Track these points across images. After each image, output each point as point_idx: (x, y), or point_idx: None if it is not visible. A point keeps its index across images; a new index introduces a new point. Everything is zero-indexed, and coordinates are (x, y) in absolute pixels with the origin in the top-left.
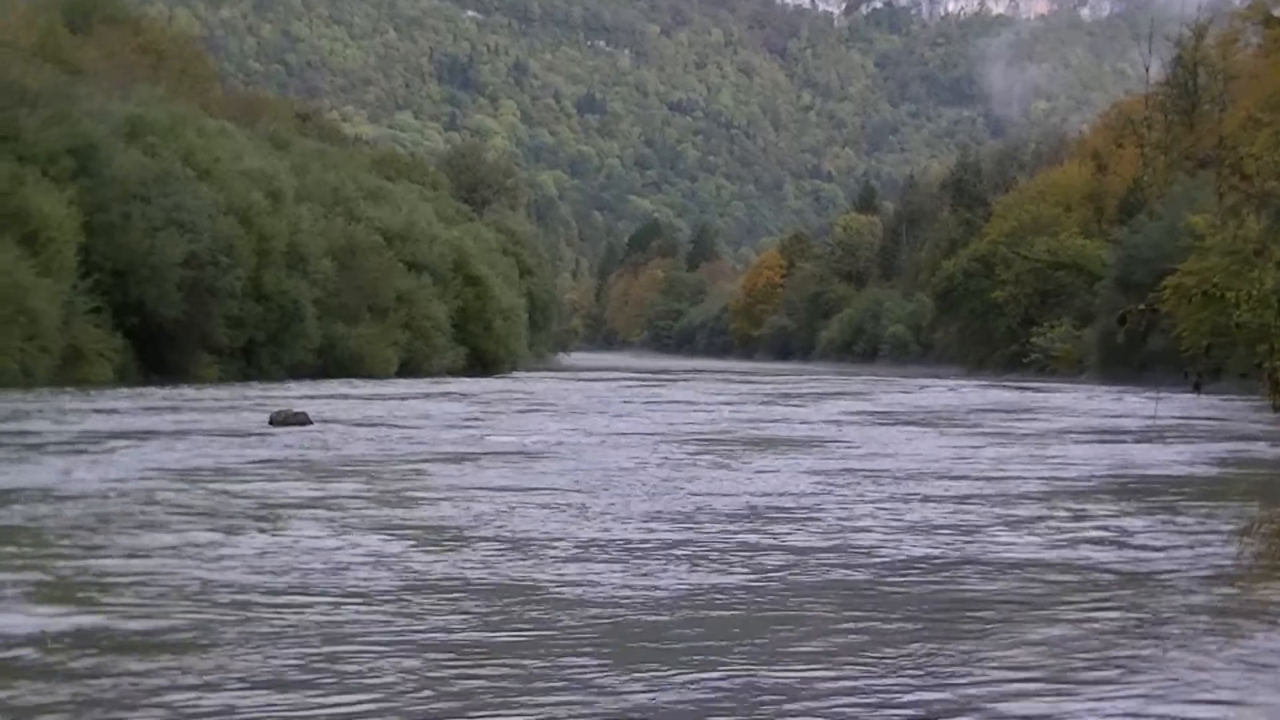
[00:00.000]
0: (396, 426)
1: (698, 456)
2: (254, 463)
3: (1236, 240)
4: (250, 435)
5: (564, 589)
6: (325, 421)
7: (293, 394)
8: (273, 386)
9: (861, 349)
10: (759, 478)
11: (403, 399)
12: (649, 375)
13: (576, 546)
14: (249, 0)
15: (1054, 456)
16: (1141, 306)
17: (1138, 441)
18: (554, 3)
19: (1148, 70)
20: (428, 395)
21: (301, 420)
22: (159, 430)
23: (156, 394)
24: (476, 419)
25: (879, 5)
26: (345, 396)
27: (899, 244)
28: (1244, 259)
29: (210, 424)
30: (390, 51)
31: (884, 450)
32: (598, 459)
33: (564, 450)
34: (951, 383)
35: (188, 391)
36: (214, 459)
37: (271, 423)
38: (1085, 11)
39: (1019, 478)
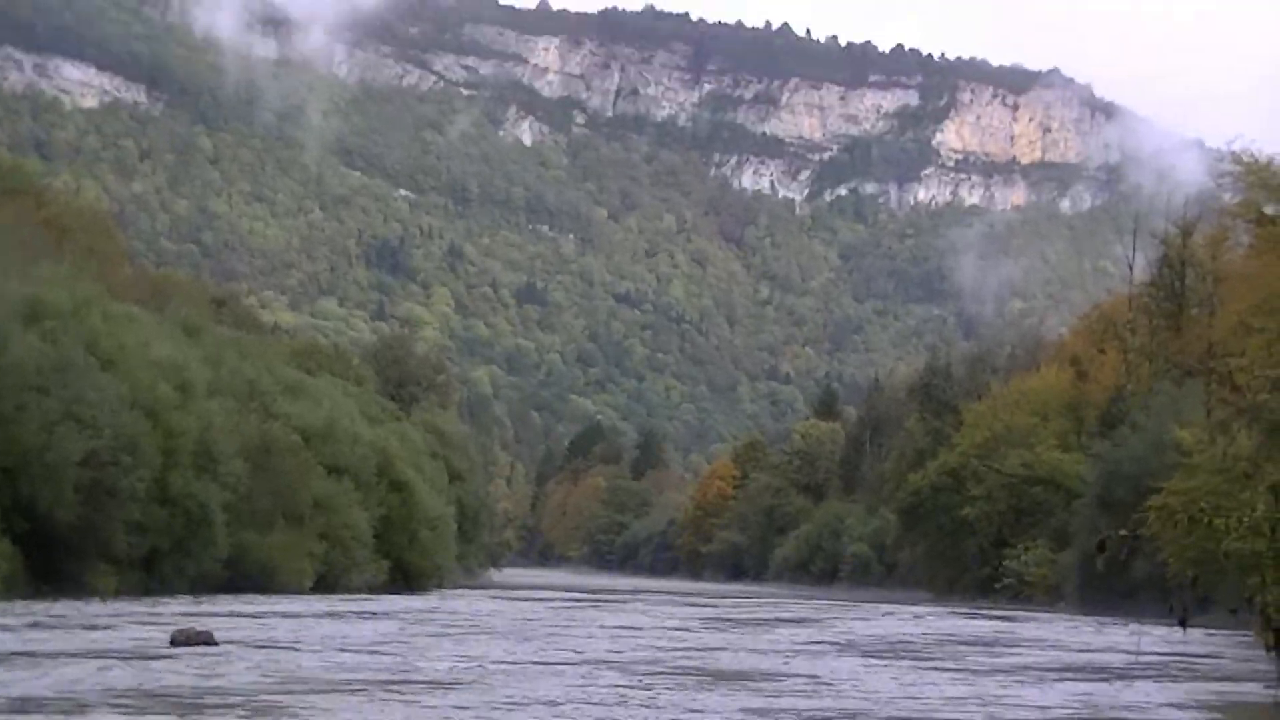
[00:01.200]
0: (309, 650)
1: (630, 692)
2: (148, 693)
3: (1226, 458)
4: (148, 658)
5: None
6: (232, 642)
7: (197, 610)
8: (175, 601)
9: (819, 569)
10: None
11: (317, 618)
12: (587, 595)
13: None
14: (163, 173)
15: (1024, 698)
16: (1123, 531)
17: (1119, 680)
18: (493, 182)
19: (1131, 269)
20: (344, 614)
21: (205, 640)
22: (44, 651)
23: (46, 608)
24: (397, 643)
25: (843, 192)
26: (254, 614)
27: (862, 454)
28: (1234, 479)
29: (104, 644)
30: (315, 232)
31: (834, 687)
32: (521, 692)
33: (488, 681)
34: (917, 609)
35: (81, 606)
36: (104, 686)
37: (173, 643)
38: (1065, 203)
39: None
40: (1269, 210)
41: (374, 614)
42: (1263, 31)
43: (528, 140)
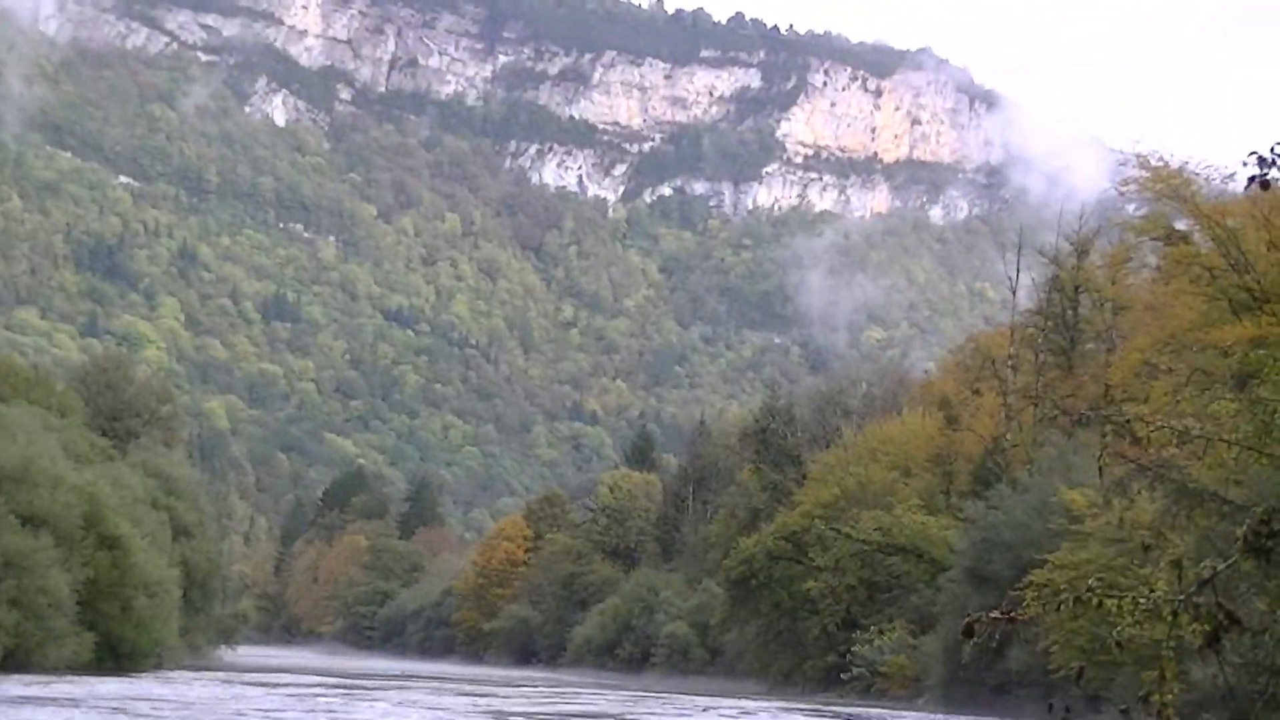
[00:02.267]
0: None
1: None
2: None
3: (1123, 526)
4: None
5: None
6: None
7: None
8: None
9: (629, 653)
10: None
11: (4, 704)
12: (340, 682)
13: None
14: None
15: None
16: (997, 612)
17: None
18: (236, 170)
19: (1014, 293)
20: (35, 700)
21: None
22: None
23: None
24: None
25: (667, 192)
26: None
27: (683, 512)
28: (1131, 551)
29: None
30: (12, 225)
31: None
32: None
33: None
34: (746, 703)
35: None
36: None
37: None
38: (936, 211)
39: None
40: (1180, 226)
41: (71, 701)
42: (1179, 14)
43: (280, 119)
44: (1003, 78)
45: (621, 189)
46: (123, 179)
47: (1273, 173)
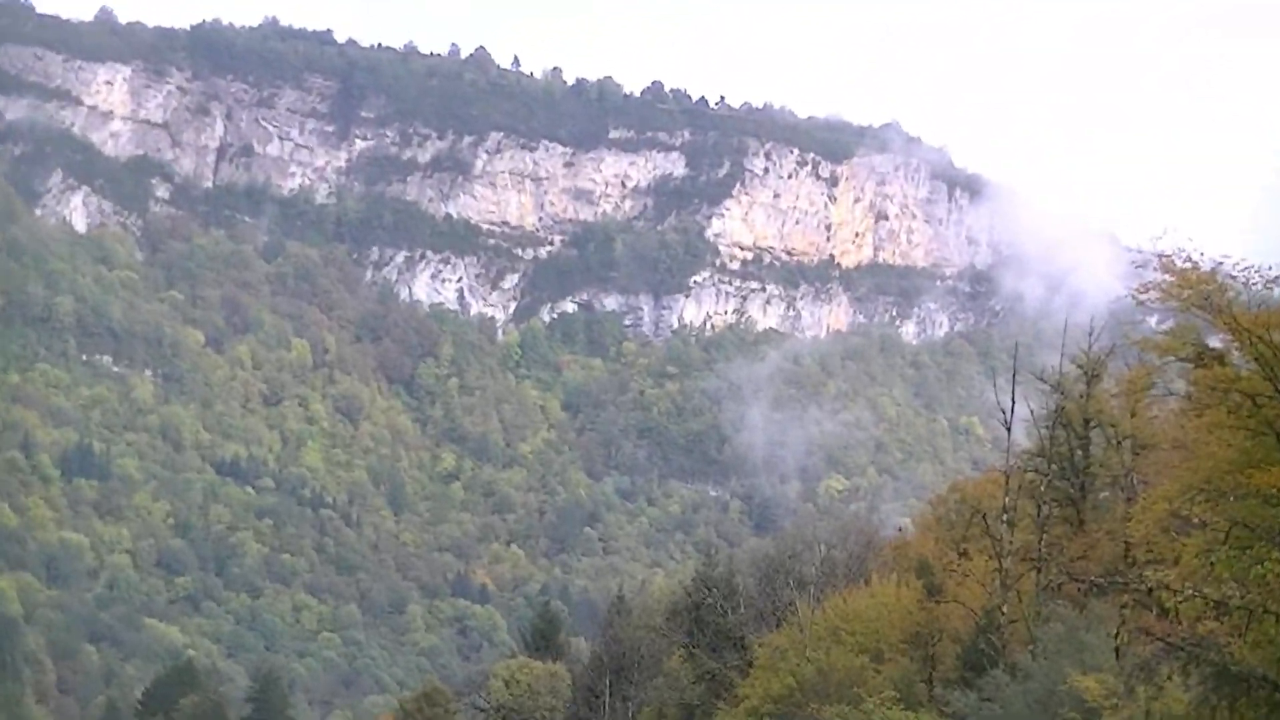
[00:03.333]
0: None
1: None
2: None
3: (1151, 718)
4: None
5: None
6: None
7: None
8: None
9: None
10: None
11: None
12: None
13: None
14: None
15: None
16: None
17: None
18: (24, 289)
19: (1009, 429)
20: None
21: None
22: None
23: None
24: None
25: (570, 309)
26: None
27: (598, 711)
28: None
29: None
30: None
31: None
32: None
33: None
34: None
35: None
36: None
37: None
38: (909, 327)
39: None
40: (1213, 343)
41: None
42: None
43: (80, 224)
44: (988, 159)
45: (513, 306)
46: None
47: None
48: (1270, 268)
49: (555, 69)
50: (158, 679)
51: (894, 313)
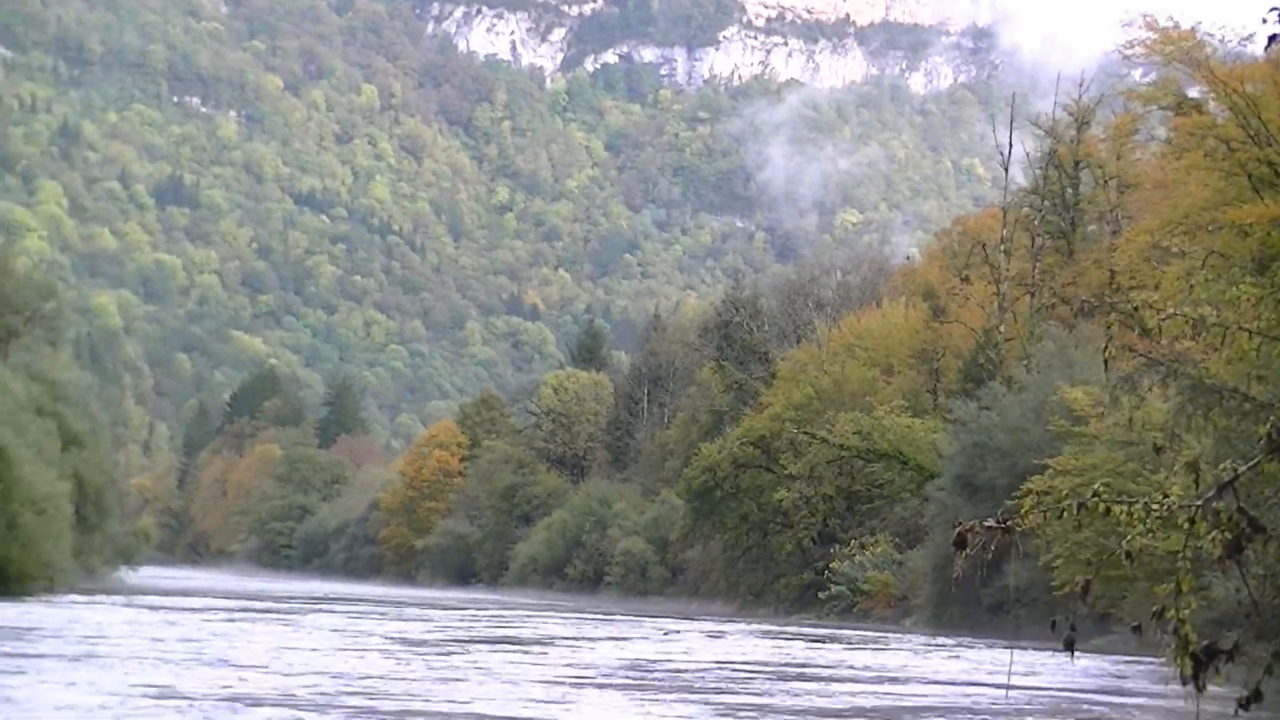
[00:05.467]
0: None
1: None
2: None
3: (1133, 426)
4: None
5: None
6: None
7: None
8: None
9: (579, 572)
10: None
11: None
12: (253, 606)
13: None
14: None
15: None
16: (991, 522)
17: None
18: (122, 39)
19: (1006, 170)
20: None
21: None
22: None
23: None
24: (5, 670)
25: (612, 59)
26: None
27: (637, 416)
28: (1142, 455)
29: None
30: None
31: None
32: None
33: None
34: (711, 626)
35: None
36: None
37: None
38: (917, 78)
39: None
40: (1192, 93)
41: None
42: None
43: None
44: None
45: (560, 56)
46: None
47: None
48: (1244, 25)
49: None
50: (243, 385)
51: (903, 65)
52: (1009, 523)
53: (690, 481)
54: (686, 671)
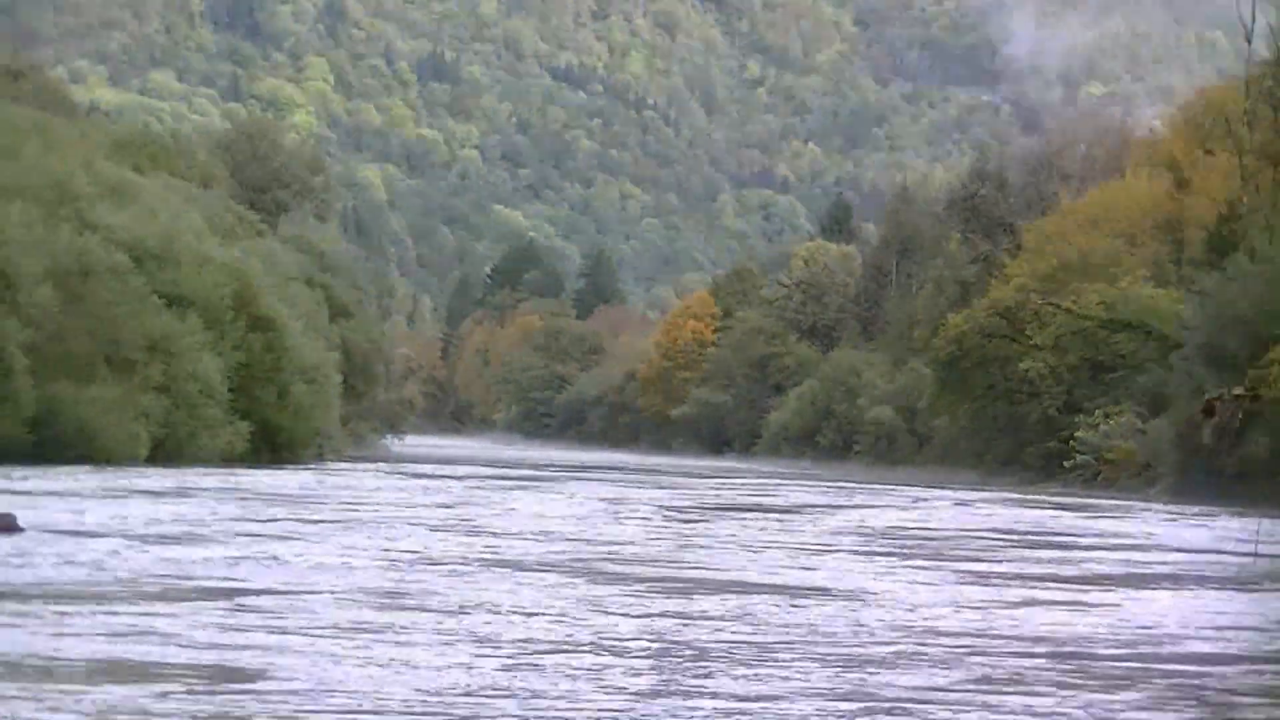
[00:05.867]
0: (138, 539)
1: (554, 602)
2: None
3: None
4: None
5: None
6: (40, 528)
7: None
8: None
9: (830, 440)
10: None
11: (153, 496)
12: (515, 473)
13: None
14: None
15: (1103, 618)
16: (1237, 391)
17: (1229, 591)
18: None
19: (1249, 41)
20: (188, 492)
21: (5, 526)
22: None
23: None
24: (253, 534)
25: None
26: (69, 491)
27: (885, 287)
28: None
29: None
30: None
31: (837, 601)
32: (409, 605)
33: (365, 587)
34: (958, 494)
35: None
36: None
37: None
38: None
39: (1071, 653)
40: None
41: (227, 492)
42: None
43: None
44: None
45: None
46: None
47: None
48: None
49: None
50: (504, 256)
51: None
52: (1254, 393)
53: (937, 351)
54: (933, 539)
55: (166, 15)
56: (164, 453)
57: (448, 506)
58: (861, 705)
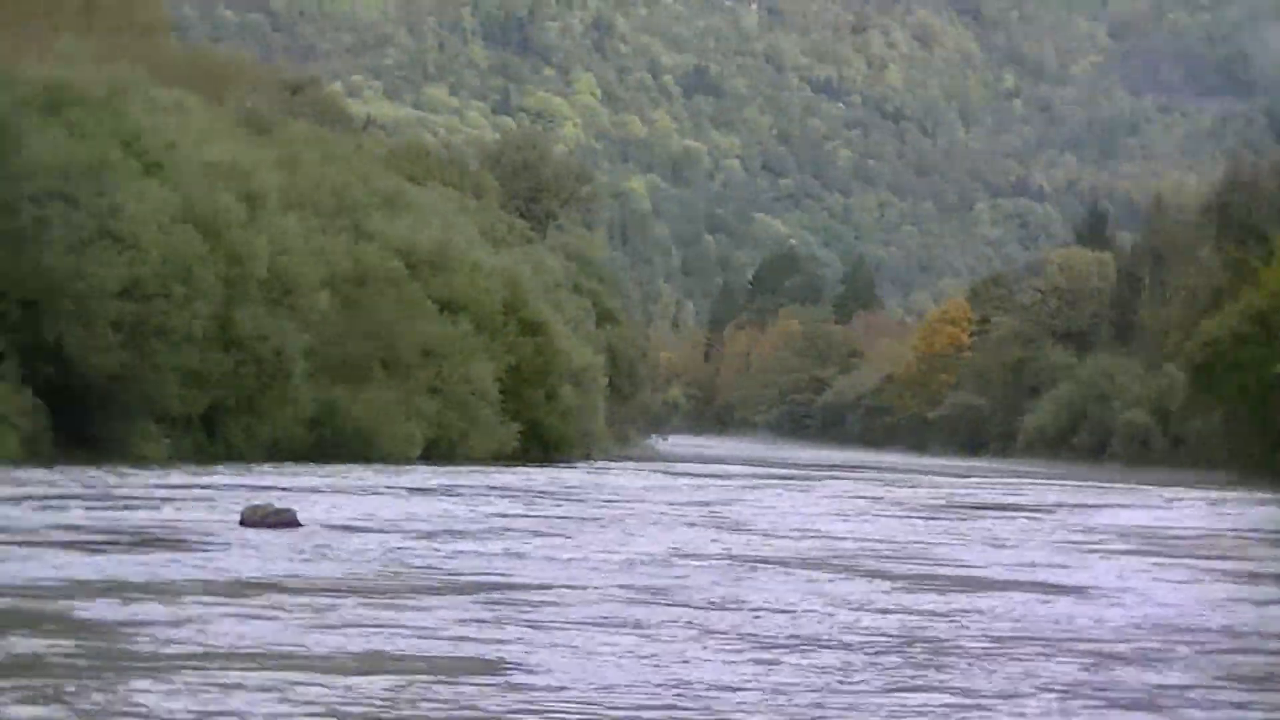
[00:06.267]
0: (413, 535)
1: (819, 598)
2: (210, 585)
3: None
4: (211, 541)
5: None
6: (319, 524)
7: (273, 483)
8: (246, 471)
9: (1084, 442)
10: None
11: (427, 494)
12: (776, 472)
13: None
14: None
15: None
16: None
17: None
18: None
19: None
20: (461, 490)
21: (286, 521)
22: (77, 527)
23: (78, 477)
24: (526, 530)
25: None
26: (346, 489)
27: (1139, 292)
28: None
29: (155, 523)
30: None
31: (1102, 599)
32: (681, 602)
33: (636, 583)
34: (1213, 494)
35: (127, 475)
36: (154, 575)
37: (243, 523)
38: None
39: None
40: None
41: (500, 491)
42: None
43: None
44: None
45: None
46: None
47: None
48: None
49: None
50: (765, 263)
51: None
52: None
53: (1191, 355)
54: (1184, 537)
55: (440, 32)
56: (437, 452)
57: (707, 504)
58: (1103, 701)
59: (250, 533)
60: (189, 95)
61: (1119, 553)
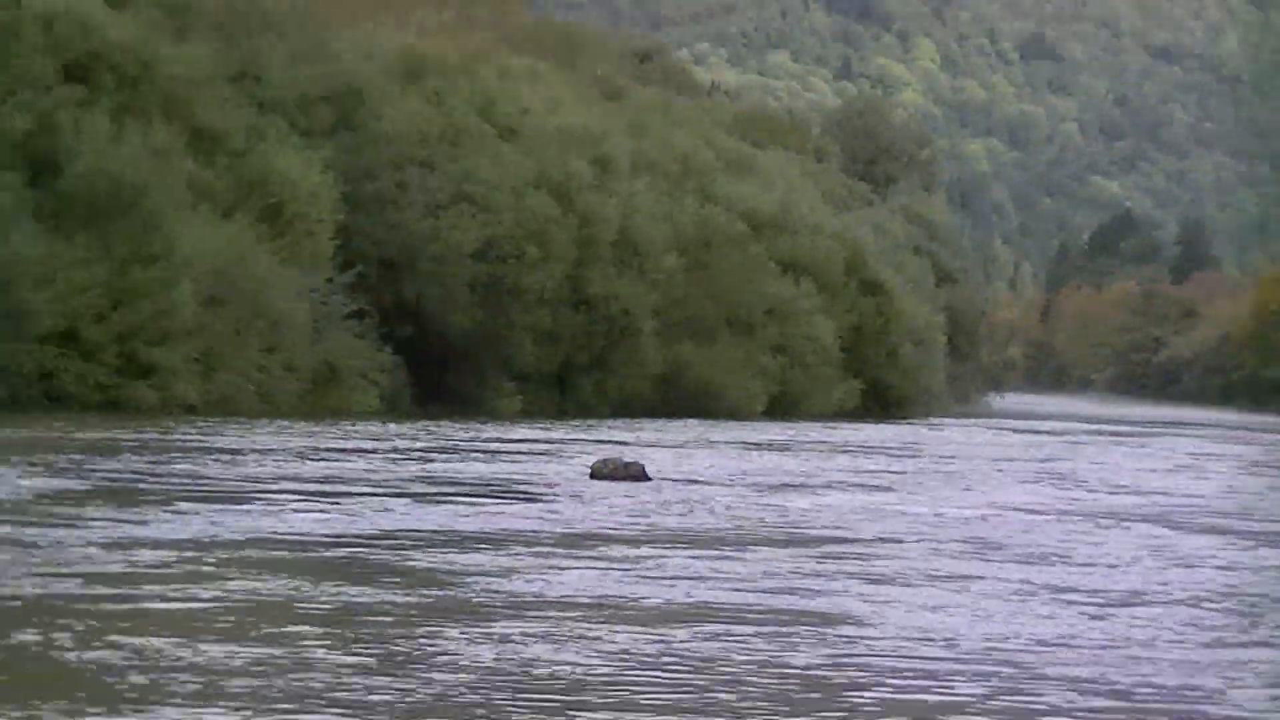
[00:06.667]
0: (762, 489)
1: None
2: (563, 536)
3: None
4: (562, 493)
5: None
6: (667, 478)
7: (622, 437)
8: (596, 426)
9: None
10: None
11: (773, 449)
12: (1102, 430)
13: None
14: None
15: None
16: None
17: None
18: None
19: None
20: (807, 445)
21: (635, 474)
22: (431, 479)
23: (437, 431)
24: (882, 486)
25: None
26: (693, 444)
27: None
28: None
29: (508, 476)
30: None
31: None
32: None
33: (989, 540)
34: None
35: (481, 429)
36: (506, 527)
37: (593, 476)
38: None
39: None
40: None
41: (840, 446)
42: None
43: None
44: None
45: None
46: None
47: None
48: None
49: None
50: (1101, 225)
51: None
52: None
53: None
54: None
55: (783, 0)
56: (780, 408)
57: (1041, 460)
58: None
59: (600, 485)
60: (541, 63)
61: None
